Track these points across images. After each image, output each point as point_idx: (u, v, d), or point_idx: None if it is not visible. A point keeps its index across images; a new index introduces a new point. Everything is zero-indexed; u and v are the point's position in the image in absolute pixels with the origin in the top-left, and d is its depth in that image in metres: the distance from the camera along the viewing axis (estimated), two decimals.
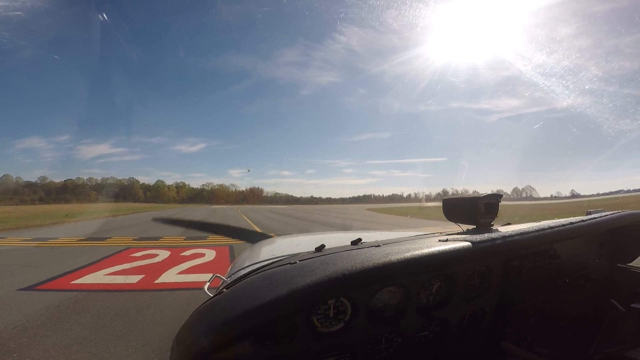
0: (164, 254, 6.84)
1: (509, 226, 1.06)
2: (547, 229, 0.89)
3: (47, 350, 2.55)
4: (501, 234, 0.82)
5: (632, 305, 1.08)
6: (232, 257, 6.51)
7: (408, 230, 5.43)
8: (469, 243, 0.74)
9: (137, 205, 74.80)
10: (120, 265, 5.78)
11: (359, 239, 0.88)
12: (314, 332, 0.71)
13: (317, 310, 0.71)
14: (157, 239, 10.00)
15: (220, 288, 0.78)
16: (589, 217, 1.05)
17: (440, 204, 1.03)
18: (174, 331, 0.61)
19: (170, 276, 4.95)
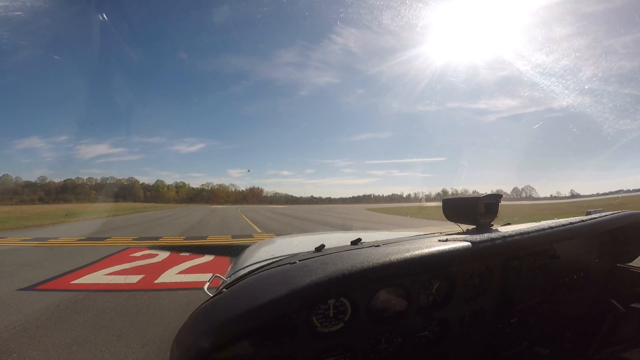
0: (163, 254, 6.84)
1: (509, 226, 1.06)
2: (547, 229, 0.89)
3: (47, 350, 2.55)
4: (501, 234, 0.82)
5: (632, 305, 1.08)
6: (232, 257, 6.50)
7: (408, 230, 5.43)
8: (469, 243, 0.74)
9: (137, 205, 74.83)
10: (120, 265, 5.77)
11: (359, 239, 0.88)
12: (314, 332, 0.71)
13: (317, 310, 0.71)
14: (157, 239, 10.00)
15: (220, 288, 0.78)
16: (589, 217, 1.05)
17: (440, 204, 1.03)
18: (174, 331, 0.61)
19: (170, 276, 4.94)
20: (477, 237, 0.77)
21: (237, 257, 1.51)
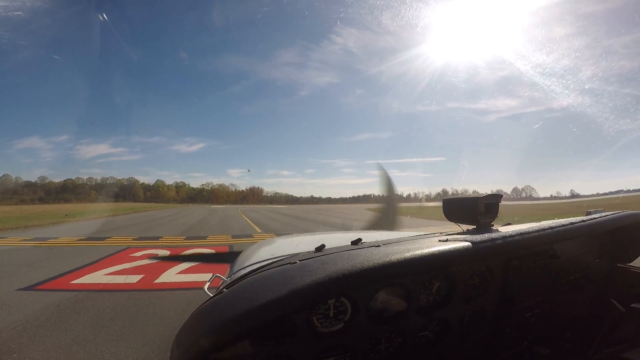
0: (163, 254, 6.84)
1: (509, 226, 1.06)
2: (547, 229, 0.89)
3: (47, 350, 2.55)
4: (501, 234, 0.82)
5: (632, 305, 1.08)
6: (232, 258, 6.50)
7: (408, 230, 5.43)
8: (469, 243, 0.74)
9: (137, 205, 74.88)
10: (120, 265, 5.78)
11: (359, 239, 0.88)
12: (314, 332, 0.71)
13: (317, 310, 0.71)
14: (157, 238, 10.01)
15: (220, 288, 0.78)
16: (589, 217, 1.05)
17: (440, 203, 1.03)
18: (174, 331, 0.61)
19: (170, 276, 4.94)
20: (478, 237, 0.77)
21: (237, 257, 1.51)
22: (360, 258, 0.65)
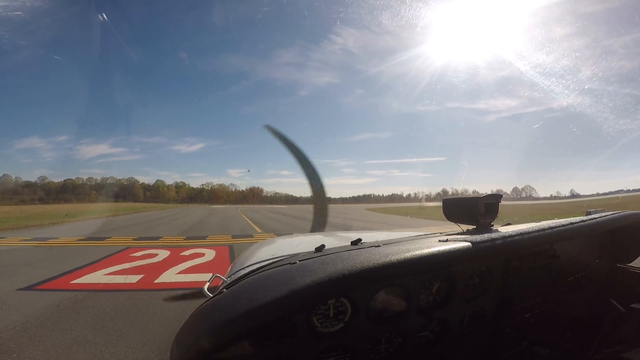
0: (163, 254, 6.84)
1: (509, 226, 1.06)
2: (547, 229, 0.89)
3: (47, 350, 2.55)
4: (501, 234, 0.82)
5: (632, 305, 1.08)
6: (232, 257, 6.51)
7: (408, 230, 5.43)
8: (469, 243, 0.74)
9: (137, 205, 74.92)
10: (120, 265, 5.77)
11: (359, 239, 0.88)
12: (314, 332, 0.71)
13: (317, 310, 0.71)
14: (156, 238, 10.00)
15: (220, 288, 0.78)
16: (589, 217, 1.05)
17: (440, 204, 1.03)
18: (174, 331, 0.61)
19: (170, 276, 4.94)
20: (478, 237, 0.77)
21: (237, 257, 1.51)
22: (360, 258, 0.65)
